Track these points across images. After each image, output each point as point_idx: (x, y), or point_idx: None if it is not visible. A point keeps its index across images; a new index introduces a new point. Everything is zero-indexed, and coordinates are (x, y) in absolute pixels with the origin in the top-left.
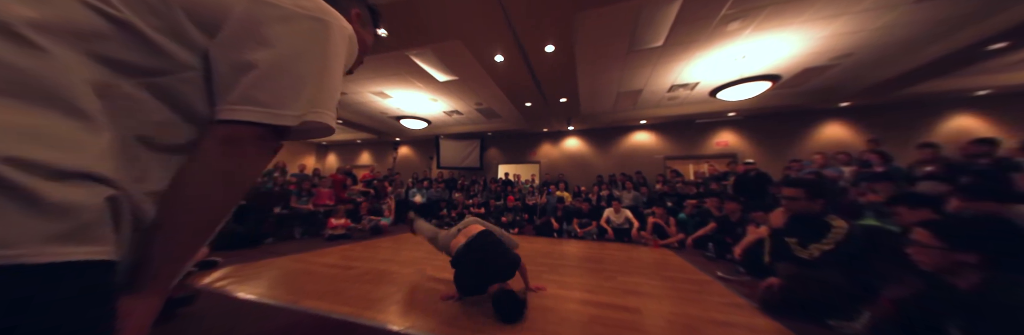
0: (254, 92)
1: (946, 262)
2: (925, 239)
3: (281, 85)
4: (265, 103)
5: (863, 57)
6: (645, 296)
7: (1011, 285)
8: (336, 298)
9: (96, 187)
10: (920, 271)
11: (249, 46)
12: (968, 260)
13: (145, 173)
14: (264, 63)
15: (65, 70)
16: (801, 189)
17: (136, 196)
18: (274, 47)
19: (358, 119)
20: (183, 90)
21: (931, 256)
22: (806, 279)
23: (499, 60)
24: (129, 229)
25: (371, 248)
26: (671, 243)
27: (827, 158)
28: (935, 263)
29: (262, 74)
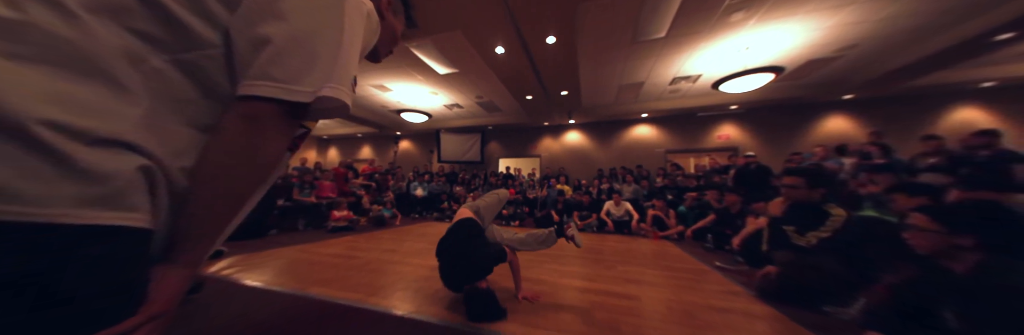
0: (269, 68)
1: (943, 245)
2: (923, 223)
3: (295, 60)
4: (279, 79)
5: (868, 48)
6: (644, 284)
7: (1006, 268)
8: (341, 285)
9: (129, 155)
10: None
11: (265, 20)
12: (964, 243)
13: (180, 149)
14: (279, 38)
15: (104, 41)
16: (801, 178)
17: (172, 170)
18: (288, 21)
19: (359, 113)
20: (207, 67)
21: (928, 240)
22: (803, 266)
23: (500, 52)
24: (165, 201)
25: (374, 239)
26: (671, 235)
27: (828, 150)
28: (932, 246)
29: (277, 49)
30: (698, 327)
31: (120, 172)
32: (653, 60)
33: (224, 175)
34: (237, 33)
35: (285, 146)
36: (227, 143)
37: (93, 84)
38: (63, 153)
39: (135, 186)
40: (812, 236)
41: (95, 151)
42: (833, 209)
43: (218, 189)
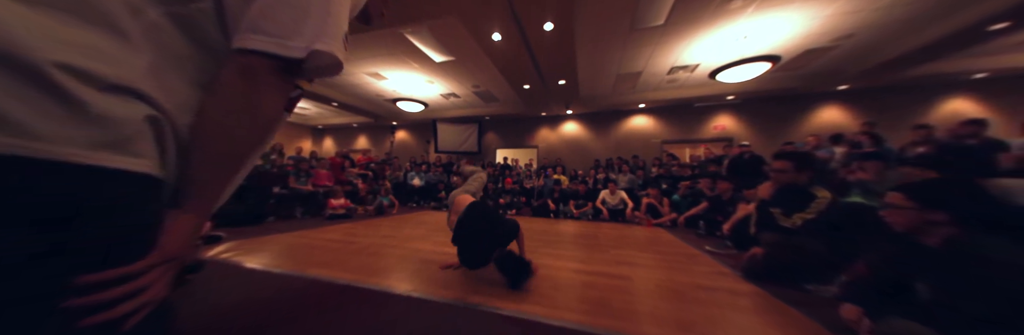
0: (261, 22)
1: (917, 222)
2: (899, 201)
3: (286, 14)
4: (272, 33)
5: (864, 38)
6: (636, 266)
7: (974, 241)
8: (340, 267)
9: (139, 104)
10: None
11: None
12: (937, 219)
13: (182, 105)
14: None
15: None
16: (789, 161)
17: (177, 123)
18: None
19: (354, 101)
20: (201, 22)
21: (903, 216)
22: (787, 246)
23: (497, 39)
24: (173, 151)
25: (372, 226)
26: (664, 222)
27: (821, 140)
28: (907, 223)
29: (267, 2)
30: (685, 302)
31: (130, 119)
32: (651, 48)
33: (220, 126)
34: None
35: (282, 104)
36: (225, 100)
37: (100, 32)
38: (76, 97)
39: (143, 134)
40: (797, 217)
41: (107, 97)
42: (819, 191)
43: (216, 142)
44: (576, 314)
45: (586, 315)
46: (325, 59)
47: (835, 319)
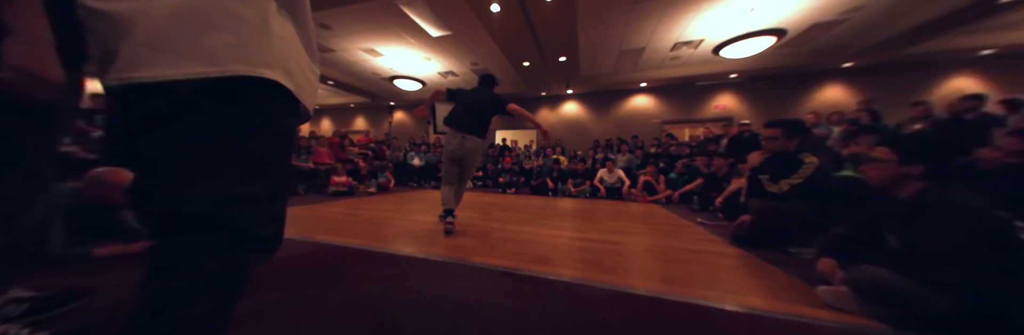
0: None
1: (894, 174)
2: (884, 155)
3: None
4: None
5: (874, 9)
6: (629, 234)
7: (940, 190)
8: (346, 234)
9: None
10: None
11: None
12: (913, 171)
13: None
14: None
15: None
16: (779, 128)
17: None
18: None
19: (350, 80)
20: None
21: (882, 170)
22: (772, 211)
23: (496, 10)
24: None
25: (374, 202)
26: (659, 199)
27: (820, 117)
28: (884, 176)
29: None
30: (671, 262)
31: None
32: (655, 22)
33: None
34: None
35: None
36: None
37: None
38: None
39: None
40: (784, 183)
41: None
42: (806, 157)
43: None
44: (570, 270)
45: (579, 271)
46: None
47: (813, 275)
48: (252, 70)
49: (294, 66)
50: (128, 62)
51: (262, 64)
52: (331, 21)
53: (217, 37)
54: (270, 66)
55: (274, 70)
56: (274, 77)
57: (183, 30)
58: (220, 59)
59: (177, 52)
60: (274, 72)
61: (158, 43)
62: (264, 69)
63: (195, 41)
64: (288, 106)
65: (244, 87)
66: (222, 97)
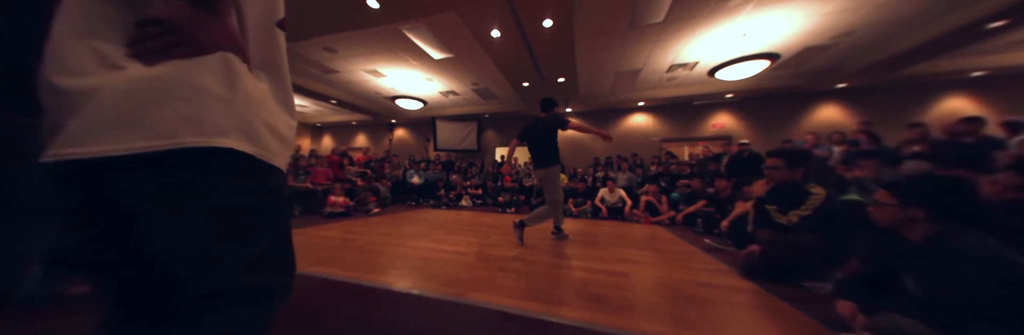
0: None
1: (899, 218)
2: (884, 198)
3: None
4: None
5: (865, 35)
6: (634, 263)
7: (951, 234)
8: (339, 264)
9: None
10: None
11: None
12: (916, 215)
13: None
14: None
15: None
16: (780, 159)
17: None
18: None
19: (352, 99)
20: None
21: (886, 213)
22: (783, 243)
23: (496, 36)
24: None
25: (370, 224)
26: (662, 220)
27: (819, 138)
28: (890, 219)
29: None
30: (681, 298)
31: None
32: (651, 46)
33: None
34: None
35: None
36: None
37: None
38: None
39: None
40: (793, 215)
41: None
42: (813, 188)
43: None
44: (575, 310)
45: (584, 312)
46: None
47: (831, 315)
48: (204, 140)
49: (261, 127)
50: (69, 137)
51: (217, 133)
52: (336, 44)
53: (172, 109)
54: (227, 134)
55: (231, 137)
56: (231, 145)
57: (137, 104)
58: (171, 132)
59: (124, 127)
60: (231, 139)
61: (106, 118)
62: (219, 138)
63: (147, 114)
64: (258, 168)
65: (199, 158)
66: (175, 170)
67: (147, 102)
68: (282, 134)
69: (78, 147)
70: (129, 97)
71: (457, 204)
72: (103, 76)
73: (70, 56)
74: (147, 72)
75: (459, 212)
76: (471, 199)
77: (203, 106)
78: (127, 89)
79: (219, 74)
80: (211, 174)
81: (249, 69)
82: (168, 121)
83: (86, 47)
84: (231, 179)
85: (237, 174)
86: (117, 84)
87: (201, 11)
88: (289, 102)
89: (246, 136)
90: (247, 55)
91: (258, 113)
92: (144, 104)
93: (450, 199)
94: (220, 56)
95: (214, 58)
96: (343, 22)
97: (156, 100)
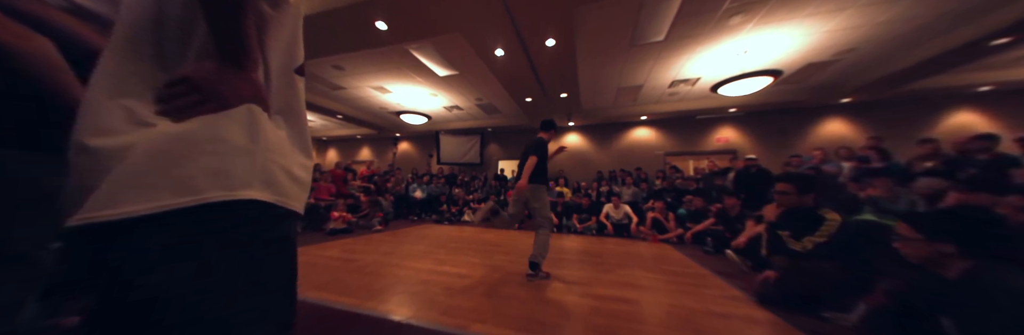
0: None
1: (929, 254)
2: (906, 232)
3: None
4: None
5: (866, 52)
6: (644, 289)
7: (990, 271)
8: (338, 289)
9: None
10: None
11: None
12: (946, 250)
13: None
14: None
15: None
16: (790, 184)
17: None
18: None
19: (358, 114)
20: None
21: (915, 248)
22: (800, 271)
23: (499, 54)
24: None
25: (372, 242)
26: (670, 238)
27: (827, 154)
28: (920, 255)
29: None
30: (697, 332)
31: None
32: (652, 63)
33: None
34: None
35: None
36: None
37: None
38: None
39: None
40: (808, 241)
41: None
42: (827, 214)
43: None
44: None
45: None
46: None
47: None
48: (228, 194)
49: (280, 174)
50: (96, 201)
51: (241, 185)
52: (344, 63)
53: (198, 164)
54: (250, 185)
55: (254, 188)
56: (252, 196)
57: (166, 161)
58: (197, 187)
59: (153, 185)
60: (254, 190)
61: (137, 177)
62: (242, 190)
63: (174, 171)
64: (276, 215)
65: (218, 210)
66: (193, 224)
67: (175, 159)
68: (299, 177)
69: (111, 209)
70: (158, 155)
71: (460, 219)
72: (134, 134)
73: (103, 116)
74: (176, 129)
75: (462, 228)
76: (474, 214)
77: (228, 159)
78: (157, 147)
79: (243, 125)
80: (227, 227)
81: (269, 116)
82: (194, 176)
83: (117, 106)
84: (246, 230)
85: (253, 224)
86: (148, 142)
87: (229, 69)
88: (306, 144)
89: (266, 184)
90: (268, 103)
91: (277, 161)
92: (172, 161)
93: (453, 214)
94: (244, 108)
95: (239, 110)
96: (352, 42)
97: (184, 156)
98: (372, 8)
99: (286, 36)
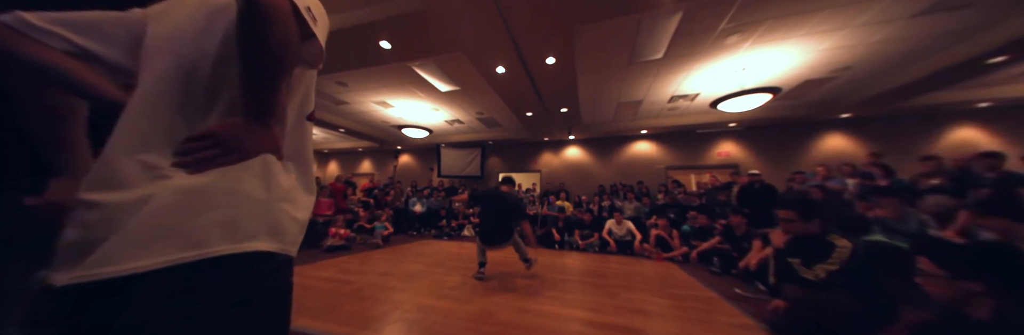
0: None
1: (955, 292)
2: (929, 269)
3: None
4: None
5: (862, 69)
6: (651, 316)
7: (1020, 309)
8: (331, 316)
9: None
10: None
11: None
12: (974, 289)
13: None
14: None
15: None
16: (792, 211)
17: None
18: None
19: (360, 128)
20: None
21: (940, 286)
22: (814, 301)
23: (501, 71)
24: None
25: (369, 261)
26: (675, 256)
27: (830, 170)
28: (945, 293)
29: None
30: None
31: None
32: (651, 79)
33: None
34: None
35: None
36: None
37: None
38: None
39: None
40: (820, 269)
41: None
42: (837, 240)
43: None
44: None
45: None
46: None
47: None
48: (234, 247)
49: (286, 221)
50: (105, 255)
51: (248, 237)
52: (348, 79)
53: (209, 216)
54: (256, 236)
55: (260, 239)
56: (258, 248)
57: (179, 215)
58: (204, 240)
59: (161, 239)
60: (259, 241)
61: (147, 231)
62: (249, 242)
63: (185, 224)
64: (277, 263)
65: (227, 263)
66: (194, 276)
67: (188, 213)
68: (301, 220)
69: (114, 265)
70: (171, 209)
71: (459, 234)
72: (149, 187)
73: (117, 171)
74: (192, 182)
75: (461, 244)
76: (473, 228)
77: (240, 211)
78: (170, 201)
79: (259, 176)
80: (229, 279)
81: (281, 162)
82: (204, 229)
83: (134, 161)
84: (247, 282)
85: (254, 275)
86: (162, 196)
87: (255, 124)
88: (310, 184)
89: (272, 233)
90: (282, 152)
91: (286, 209)
92: (184, 215)
93: (453, 228)
94: (260, 158)
95: (255, 161)
96: (356, 60)
97: (196, 210)
98: (377, 28)
99: (303, 88)
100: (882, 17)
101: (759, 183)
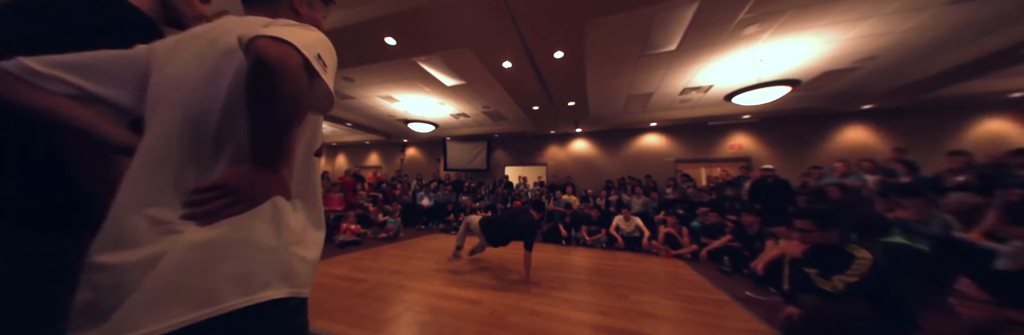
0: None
1: (995, 318)
2: (971, 291)
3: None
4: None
5: (888, 59)
6: (660, 319)
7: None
8: (345, 317)
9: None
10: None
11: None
12: (1019, 319)
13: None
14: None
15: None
16: (810, 221)
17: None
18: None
19: (367, 122)
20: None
21: (978, 310)
22: (834, 314)
23: (507, 66)
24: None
25: (381, 258)
26: (684, 254)
27: (849, 166)
28: (983, 318)
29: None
30: None
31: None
32: (663, 72)
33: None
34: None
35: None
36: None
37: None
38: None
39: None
40: (838, 281)
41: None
42: (857, 251)
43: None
44: None
45: None
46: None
47: None
48: (248, 300)
49: (297, 264)
50: (119, 321)
51: (261, 286)
52: (354, 75)
53: (222, 270)
54: (269, 284)
55: (272, 286)
56: (272, 296)
57: (189, 274)
58: (219, 296)
59: (176, 299)
60: (273, 289)
61: (158, 295)
62: (262, 292)
63: (199, 281)
64: (291, 307)
65: (242, 315)
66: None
67: (199, 269)
68: (311, 259)
69: (131, 332)
70: (185, 267)
71: None
72: (159, 244)
73: (125, 229)
74: (202, 236)
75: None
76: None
77: (252, 261)
78: (183, 259)
79: (269, 221)
80: (243, 332)
81: (290, 201)
82: (217, 284)
83: (142, 218)
84: (263, 331)
85: (270, 324)
86: (175, 252)
87: (263, 171)
88: (319, 218)
89: (284, 279)
90: (290, 192)
91: (296, 253)
92: (196, 272)
93: (460, 222)
94: (269, 203)
95: (264, 207)
96: (363, 56)
97: (208, 266)
98: (382, 25)
99: (311, 127)
100: (915, 4)
101: (772, 178)
